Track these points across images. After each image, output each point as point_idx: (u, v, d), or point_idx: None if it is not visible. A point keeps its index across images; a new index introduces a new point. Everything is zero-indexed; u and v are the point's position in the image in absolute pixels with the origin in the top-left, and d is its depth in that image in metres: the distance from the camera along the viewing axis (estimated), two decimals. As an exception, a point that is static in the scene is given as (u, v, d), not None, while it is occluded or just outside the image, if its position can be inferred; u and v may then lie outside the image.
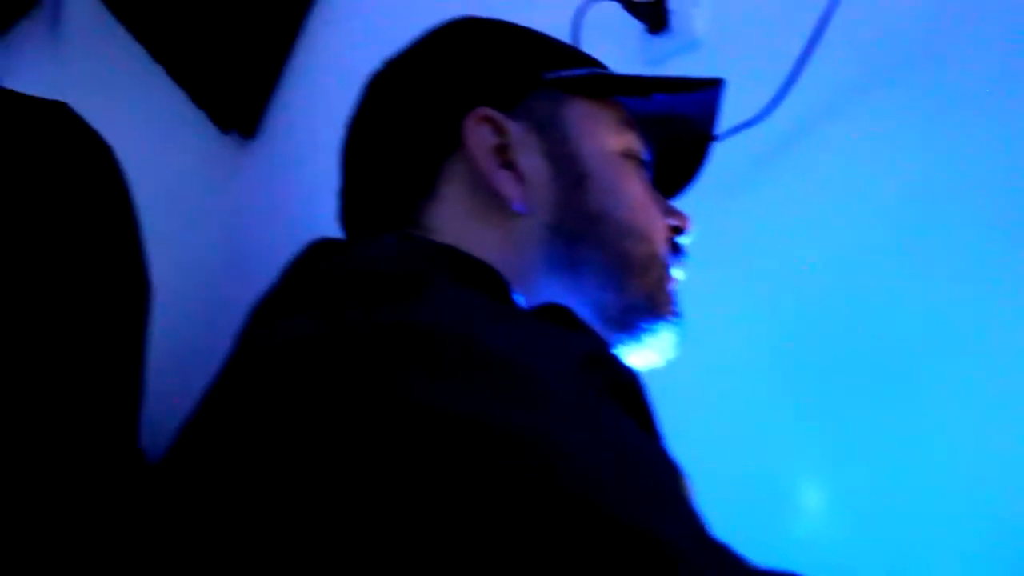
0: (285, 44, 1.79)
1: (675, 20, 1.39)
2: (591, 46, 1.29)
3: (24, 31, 2.14)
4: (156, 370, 1.50)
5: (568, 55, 0.99)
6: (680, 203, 1.08)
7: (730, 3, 1.36)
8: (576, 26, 1.36)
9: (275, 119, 1.82)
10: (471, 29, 0.99)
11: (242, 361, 0.72)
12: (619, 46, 1.40)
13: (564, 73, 0.95)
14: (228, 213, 1.88)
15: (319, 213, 1.74)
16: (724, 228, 1.23)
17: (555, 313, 0.76)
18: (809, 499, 1.15)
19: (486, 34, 0.99)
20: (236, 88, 1.82)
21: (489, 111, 0.91)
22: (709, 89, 1.03)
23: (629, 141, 0.97)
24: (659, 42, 1.39)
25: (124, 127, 1.56)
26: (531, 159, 0.91)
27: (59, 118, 1.43)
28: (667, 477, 0.63)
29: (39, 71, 2.11)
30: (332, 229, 1.69)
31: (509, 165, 0.91)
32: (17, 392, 1.27)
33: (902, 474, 1.09)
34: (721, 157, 1.17)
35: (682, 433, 0.77)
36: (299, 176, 1.79)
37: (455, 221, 0.90)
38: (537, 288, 0.88)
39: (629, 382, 0.68)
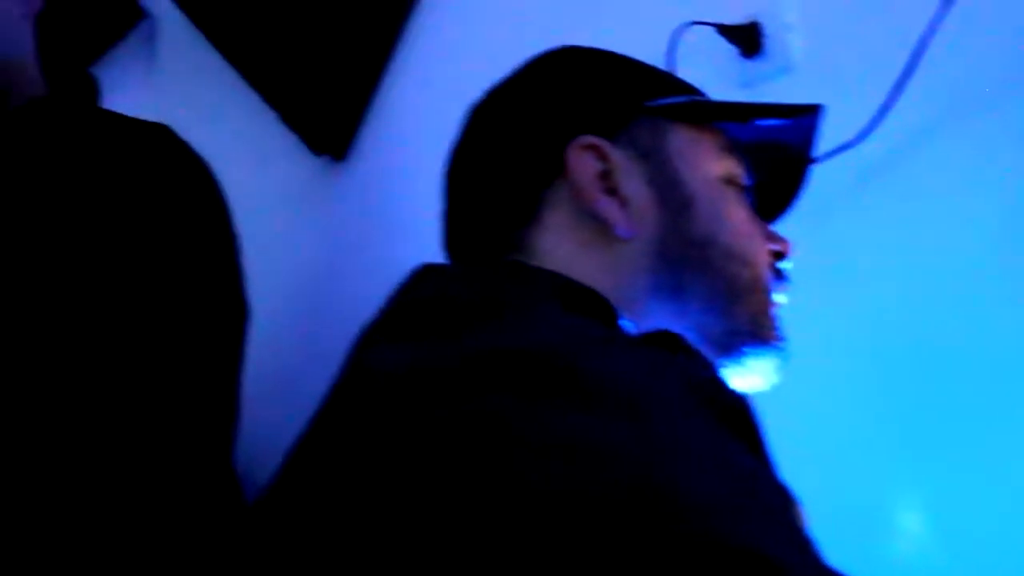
0: (377, 67, 1.81)
1: (769, 44, 1.39)
2: (686, 70, 1.29)
3: (119, 56, 2.19)
4: (249, 390, 1.53)
5: (668, 83, 1.00)
6: (776, 227, 1.09)
7: (825, 26, 1.36)
8: (671, 50, 1.37)
9: (367, 141, 1.84)
10: (573, 58, 1.01)
11: (356, 388, 0.73)
12: (713, 70, 1.40)
13: (666, 101, 0.96)
14: (320, 235, 1.91)
15: (410, 234, 1.77)
16: (821, 251, 1.23)
17: (664, 339, 0.76)
18: (909, 523, 1.14)
19: (588, 63, 1.00)
20: (328, 111, 1.85)
21: (593, 139, 0.92)
22: (808, 115, 1.04)
23: (730, 167, 0.98)
24: (753, 65, 1.40)
25: (217, 150, 1.59)
26: (634, 185, 0.92)
27: (161, 140, 1.46)
28: (779, 503, 0.63)
29: (134, 95, 2.15)
30: (424, 250, 1.71)
31: (613, 191, 0.92)
32: (116, 412, 1.29)
33: (1005, 499, 1.08)
34: (817, 180, 1.17)
35: (782, 456, 0.77)
36: (390, 198, 1.81)
37: (560, 247, 0.91)
38: (642, 313, 0.89)
39: (739, 407, 0.68)
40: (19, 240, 1.33)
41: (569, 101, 0.96)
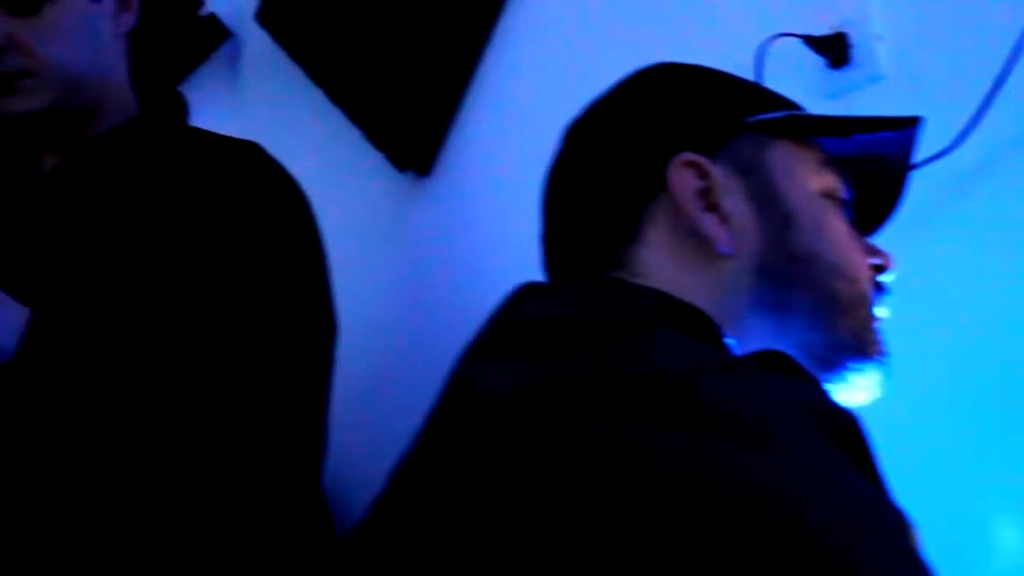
0: (460, 83, 1.82)
1: (857, 54, 1.39)
2: (773, 82, 1.29)
3: (204, 75, 2.22)
4: (338, 405, 1.54)
5: (767, 98, 1.00)
6: (874, 238, 1.08)
7: (913, 37, 1.35)
8: (758, 63, 1.37)
9: (450, 157, 1.85)
10: (671, 75, 1.01)
11: (463, 409, 0.74)
12: (800, 81, 1.40)
13: (766, 116, 0.96)
14: (405, 250, 1.92)
15: (495, 249, 1.78)
16: (918, 261, 1.23)
17: (773, 359, 0.76)
18: (1008, 541, 1.13)
19: (686, 79, 1.00)
20: (412, 127, 1.87)
21: (693, 155, 0.93)
22: (907, 127, 1.03)
23: (829, 181, 0.98)
24: (841, 76, 1.39)
25: (302, 168, 1.61)
26: (735, 202, 0.92)
27: (251, 157, 1.48)
28: (898, 528, 0.63)
29: (219, 114, 2.18)
30: (508, 264, 1.72)
31: (713, 208, 0.92)
32: (206, 427, 1.31)
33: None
34: (911, 189, 1.16)
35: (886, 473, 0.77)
36: (474, 212, 1.83)
37: (661, 265, 0.92)
38: (743, 330, 0.89)
39: (851, 428, 0.68)
40: (115, 258, 1.36)
41: (669, 118, 0.96)
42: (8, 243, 1.39)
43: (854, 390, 0.93)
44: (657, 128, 0.95)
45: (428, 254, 1.89)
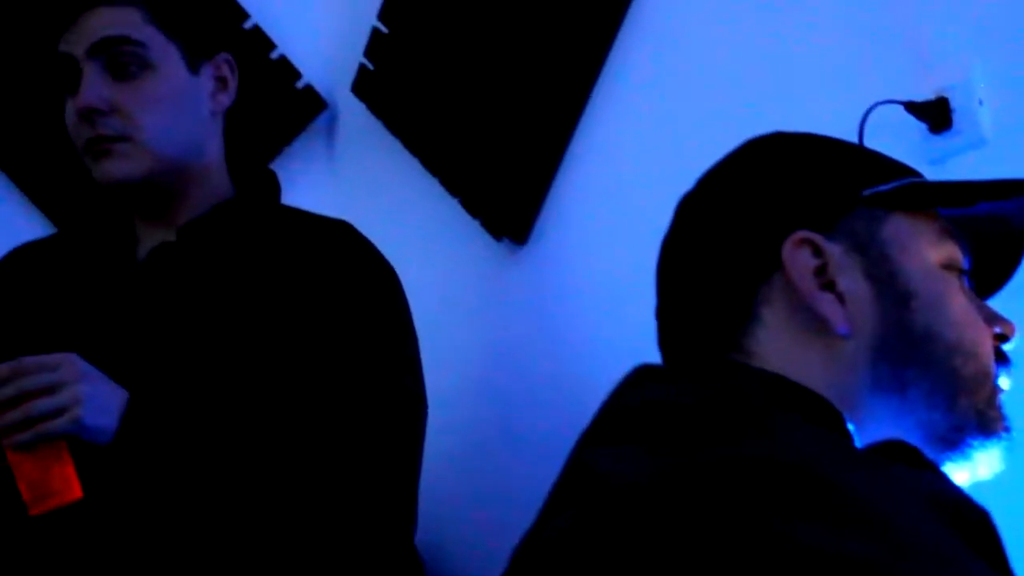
0: (556, 152, 1.83)
1: (959, 119, 1.38)
2: (875, 147, 1.29)
3: (301, 145, 2.26)
4: (434, 470, 1.55)
5: (883, 166, 0.98)
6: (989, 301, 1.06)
7: (1015, 101, 1.34)
8: (861, 128, 1.37)
9: (547, 225, 1.87)
10: (782, 147, 1.00)
11: (588, 495, 0.74)
12: (902, 146, 1.39)
13: (882, 188, 0.95)
14: (501, 318, 1.94)
15: (591, 318, 1.79)
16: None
17: (897, 450, 0.76)
18: None
19: (800, 152, 0.99)
20: (508, 195, 1.88)
21: (808, 234, 0.92)
22: None
23: (949, 251, 0.96)
24: (943, 141, 1.38)
25: (399, 236, 1.63)
26: (852, 280, 0.91)
27: (344, 239, 1.51)
28: None
29: (316, 184, 2.22)
30: (602, 335, 1.73)
31: (829, 286, 0.91)
32: (307, 500, 1.34)
33: None
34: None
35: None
36: (571, 281, 1.83)
37: (778, 346, 0.91)
38: (862, 411, 0.88)
39: (981, 522, 0.68)
40: (212, 343, 1.40)
41: (784, 194, 0.95)
42: (107, 327, 1.42)
43: (976, 467, 0.92)
44: (771, 206, 0.95)
45: (524, 322, 1.90)
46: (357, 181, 2.22)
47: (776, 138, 1.01)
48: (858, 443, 0.88)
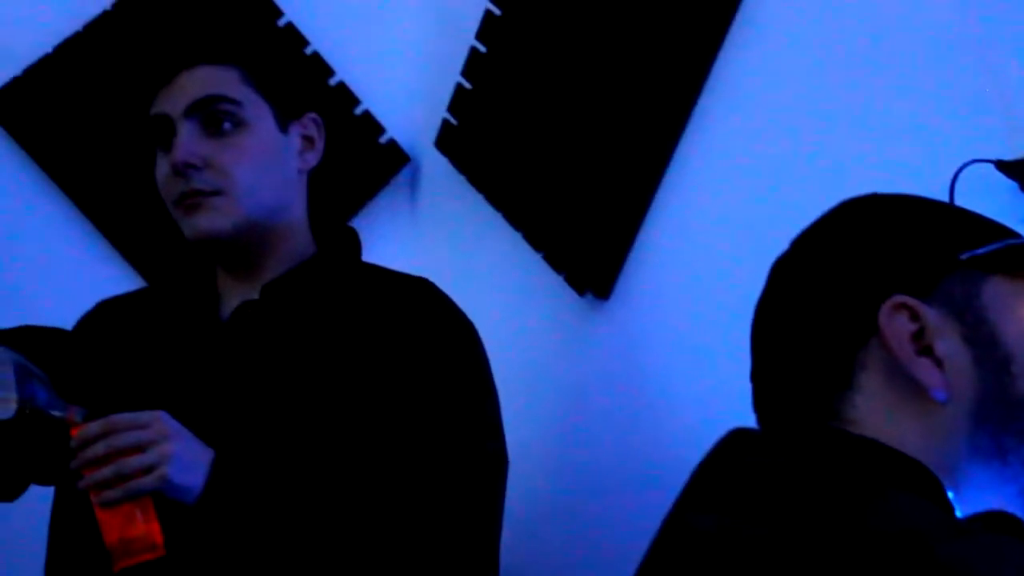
0: (640, 206, 1.83)
1: (1051, 176, 1.36)
2: (965, 205, 1.27)
3: (385, 199, 2.27)
4: (516, 526, 1.55)
5: (981, 228, 0.96)
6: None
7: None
8: (951, 187, 1.36)
9: (630, 281, 1.86)
10: (878, 210, 0.98)
11: (689, 559, 0.74)
12: (993, 205, 1.37)
13: (981, 251, 0.93)
14: (584, 374, 1.93)
15: (675, 376, 1.77)
16: None
17: (1000, 521, 0.74)
18: None
19: (895, 214, 0.98)
20: (592, 250, 1.88)
21: (905, 298, 0.91)
22: None
23: None
24: (1035, 199, 1.37)
25: (482, 290, 1.63)
26: (950, 345, 0.90)
27: (424, 296, 1.52)
28: None
29: (400, 237, 2.23)
30: (686, 393, 1.72)
31: (927, 351, 0.90)
32: (386, 559, 1.34)
33: None
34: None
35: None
36: (654, 338, 1.83)
37: (875, 412, 0.90)
38: (961, 476, 0.87)
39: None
40: (295, 402, 1.41)
41: (880, 258, 0.94)
42: (193, 386, 1.44)
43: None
44: (868, 270, 0.94)
45: (607, 378, 1.90)
46: (440, 235, 2.23)
47: (871, 200, 1.00)
48: (958, 512, 0.86)
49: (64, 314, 1.62)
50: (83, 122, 2.15)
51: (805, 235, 1.00)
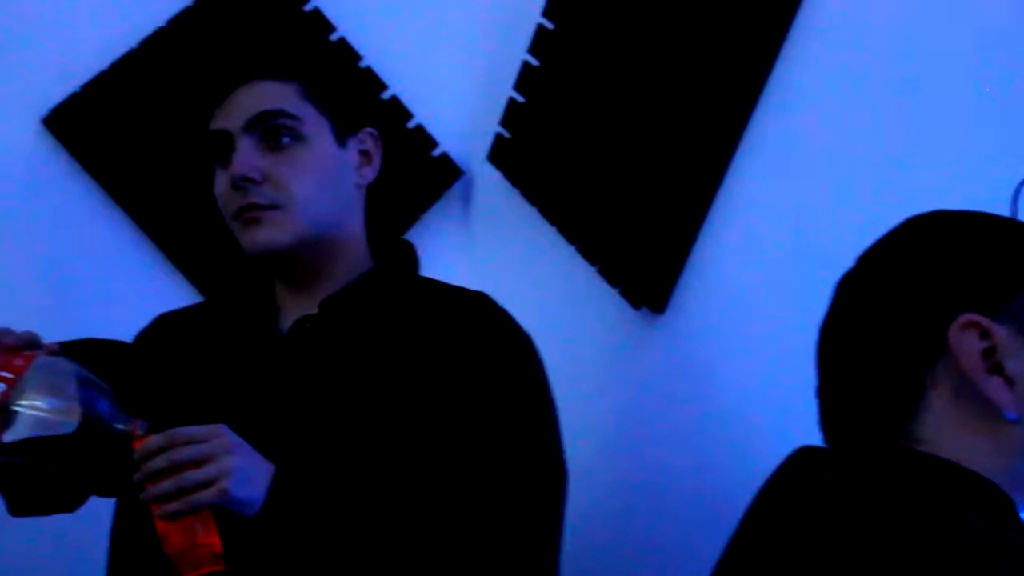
0: (696, 219, 1.83)
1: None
2: (1026, 220, 1.26)
3: (438, 213, 2.28)
4: (577, 542, 1.54)
5: None
6: None
7: None
8: (1014, 201, 1.35)
9: (686, 294, 1.86)
10: (946, 226, 0.98)
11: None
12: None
13: None
14: (639, 388, 1.93)
15: (731, 390, 1.77)
16: None
17: None
18: None
19: (963, 231, 0.97)
20: (647, 264, 1.88)
21: (975, 316, 0.90)
22: None
23: None
24: (1101, 212, 1.36)
25: (535, 304, 1.63)
26: (1021, 363, 0.90)
27: (483, 310, 1.52)
28: None
29: (452, 251, 2.23)
30: (743, 408, 1.71)
31: (997, 369, 0.89)
32: (447, 572, 1.34)
33: None
34: None
35: None
36: (710, 352, 1.82)
37: (945, 431, 0.90)
38: None
39: None
40: (355, 416, 1.41)
41: (949, 276, 0.93)
42: (252, 400, 1.45)
43: None
44: (937, 288, 0.93)
45: (662, 392, 1.89)
46: (492, 249, 2.24)
47: (938, 217, 0.99)
48: None
49: (120, 328, 1.63)
50: (139, 138, 2.17)
51: (872, 252, 1.00)
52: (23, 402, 1.29)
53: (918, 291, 0.94)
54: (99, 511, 1.57)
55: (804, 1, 1.71)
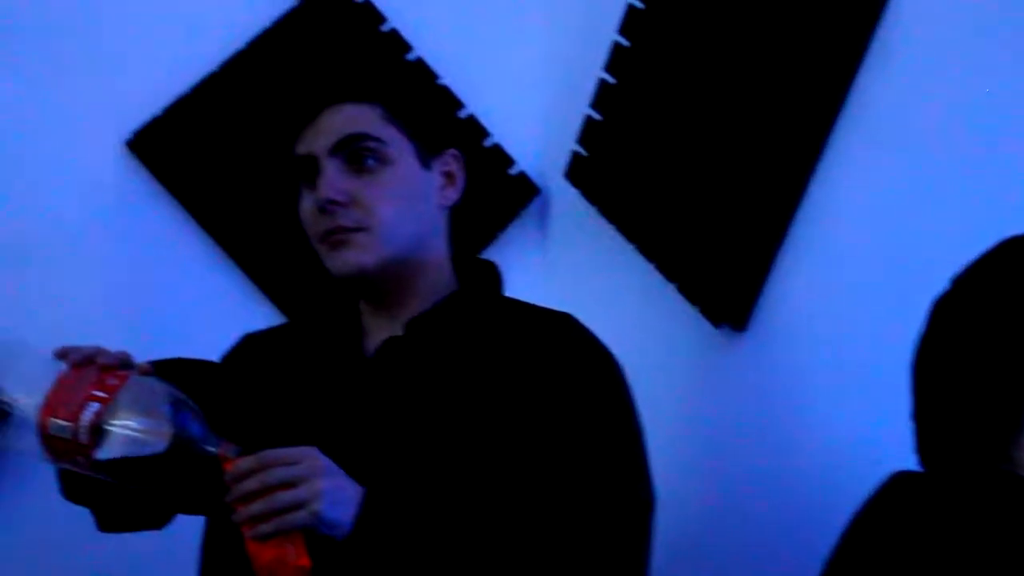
0: (776, 235, 1.81)
1: None
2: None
3: (515, 231, 2.28)
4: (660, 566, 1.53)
5: None
6: None
7: None
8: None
9: (767, 312, 1.84)
10: None
11: None
12: None
13: None
14: (721, 407, 1.92)
15: (815, 409, 1.75)
16: None
17: None
18: None
19: None
20: (727, 281, 1.87)
21: None
22: None
23: None
24: None
25: (615, 323, 1.62)
26: None
27: (570, 332, 1.52)
28: None
29: (530, 269, 2.23)
30: (827, 429, 1.69)
31: None
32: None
33: None
34: None
35: None
36: (792, 371, 1.81)
37: None
38: None
39: None
40: (443, 439, 1.42)
41: None
42: (340, 421, 1.46)
43: None
44: None
45: (744, 411, 1.88)
46: (571, 267, 2.24)
47: None
48: None
49: (204, 350, 1.65)
50: (221, 160, 2.20)
51: (968, 275, 0.99)
52: (116, 421, 1.31)
53: (1016, 315, 0.93)
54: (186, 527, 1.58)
55: (887, 10, 1.69)
